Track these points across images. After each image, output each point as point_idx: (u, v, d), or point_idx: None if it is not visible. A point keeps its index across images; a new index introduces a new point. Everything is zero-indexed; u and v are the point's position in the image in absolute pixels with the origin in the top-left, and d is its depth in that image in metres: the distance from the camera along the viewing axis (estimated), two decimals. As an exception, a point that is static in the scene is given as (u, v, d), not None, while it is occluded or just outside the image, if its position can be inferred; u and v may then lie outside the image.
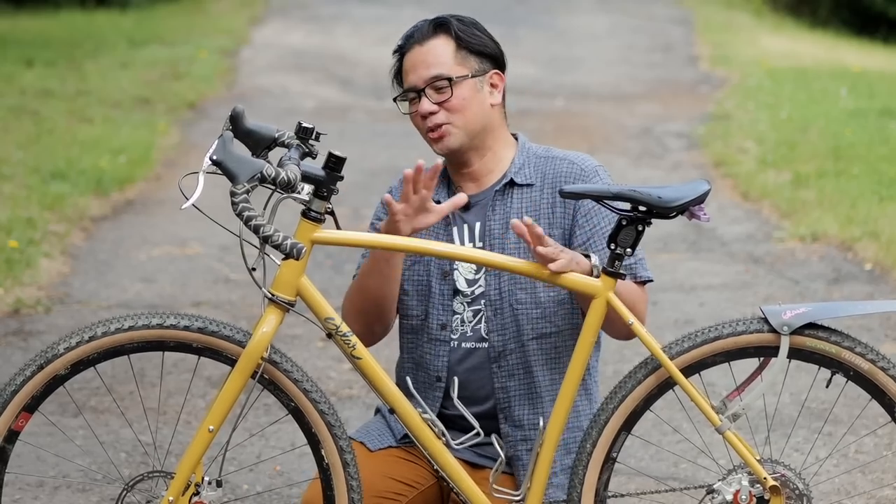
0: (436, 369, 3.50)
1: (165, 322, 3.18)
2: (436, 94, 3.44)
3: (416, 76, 3.46)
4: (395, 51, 3.53)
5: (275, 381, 3.23)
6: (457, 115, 3.44)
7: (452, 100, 3.44)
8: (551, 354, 3.49)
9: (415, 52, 3.48)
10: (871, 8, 18.54)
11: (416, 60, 3.47)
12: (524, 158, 3.52)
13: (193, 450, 3.18)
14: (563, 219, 3.47)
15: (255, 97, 12.31)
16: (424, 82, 3.45)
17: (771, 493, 3.25)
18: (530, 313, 3.46)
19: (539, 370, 3.48)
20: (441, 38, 3.47)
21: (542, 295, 3.46)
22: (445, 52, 3.46)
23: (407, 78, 3.48)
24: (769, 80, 13.32)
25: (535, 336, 3.47)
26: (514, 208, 3.48)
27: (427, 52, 3.46)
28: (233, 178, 3.01)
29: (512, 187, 3.50)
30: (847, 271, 7.27)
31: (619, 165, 9.73)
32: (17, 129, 10.32)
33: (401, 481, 3.48)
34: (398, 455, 3.52)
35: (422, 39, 3.47)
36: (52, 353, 3.18)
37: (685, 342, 3.26)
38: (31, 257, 7.20)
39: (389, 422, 3.58)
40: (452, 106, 3.44)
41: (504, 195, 3.49)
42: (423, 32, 3.49)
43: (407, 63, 3.49)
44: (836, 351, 3.25)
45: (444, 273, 3.49)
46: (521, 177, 3.50)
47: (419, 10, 17.10)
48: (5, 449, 3.20)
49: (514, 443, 3.49)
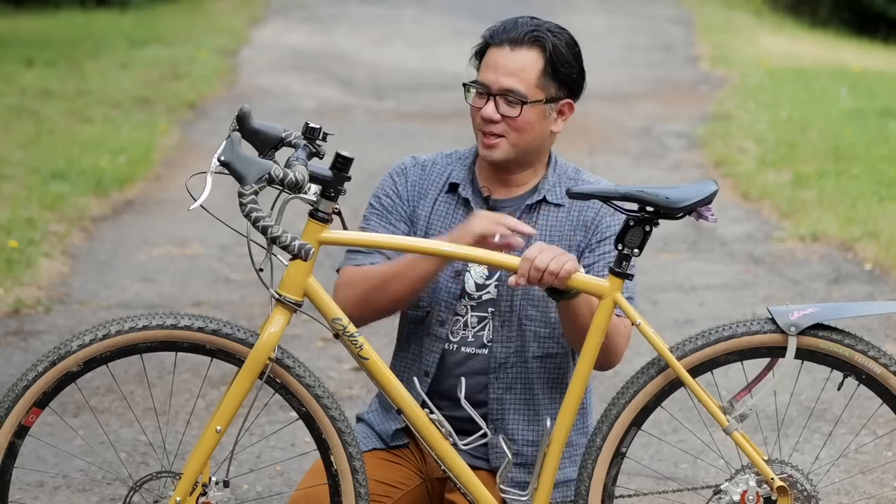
0: (426, 364, 3.49)
1: (179, 323, 3.18)
2: (505, 106, 3.38)
3: (493, 77, 3.38)
4: (484, 35, 3.43)
5: (286, 385, 3.23)
6: (516, 133, 3.39)
7: (519, 120, 3.38)
8: (553, 374, 3.48)
9: (503, 52, 3.38)
10: (871, 8, 18.55)
11: (499, 60, 3.38)
12: (556, 177, 3.50)
13: (201, 450, 3.18)
14: (582, 241, 3.45)
15: (255, 97, 12.31)
16: (499, 89, 3.37)
17: (778, 494, 3.25)
18: (538, 332, 3.45)
19: (539, 389, 3.47)
20: (534, 52, 3.38)
21: (552, 315, 3.44)
22: (531, 70, 3.37)
23: (485, 72, 3.40)
24: (769, 80, 13.33)
25: (540, 355, 3.46)
26: (538, 225, 3.46)
27: (514, 60, 3.37)
28: (241, 179, 3.01)
29: (542, 204, 3.48)
30: (847, 271, 7.27)
31: (620, 165, 9.73)
32: (17, 129, 10.31)
33: (387, 483, 3.47)
34: (383, 457, 3.52)
35: (514, 43, 3.38)
36: (66, 350, 3.18)
37: (698, 340, 3.26)
38: (31, 257, 7.20)
39: (374, 427, 3.57)
40: (516, 125, 3.38)
41: (532, 211, 3.47)
42: (518, 36, 3.38)
43: (490, 57, 3.40)
44: (850, 354, 3.25)
45: (456, 272, 3.48)
46: (553, 196, 3.47)
47: (419, 10, 17.13)
48: (15, 444, 3.20)
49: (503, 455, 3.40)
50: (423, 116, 11.49)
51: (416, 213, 3.52)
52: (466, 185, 3.50)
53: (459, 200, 3.50)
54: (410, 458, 3.51)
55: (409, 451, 3.52)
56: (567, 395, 3.27)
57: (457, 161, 3.54)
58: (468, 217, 3.39)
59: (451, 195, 3.51)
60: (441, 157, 3.58)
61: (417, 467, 3.51)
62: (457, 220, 3.48)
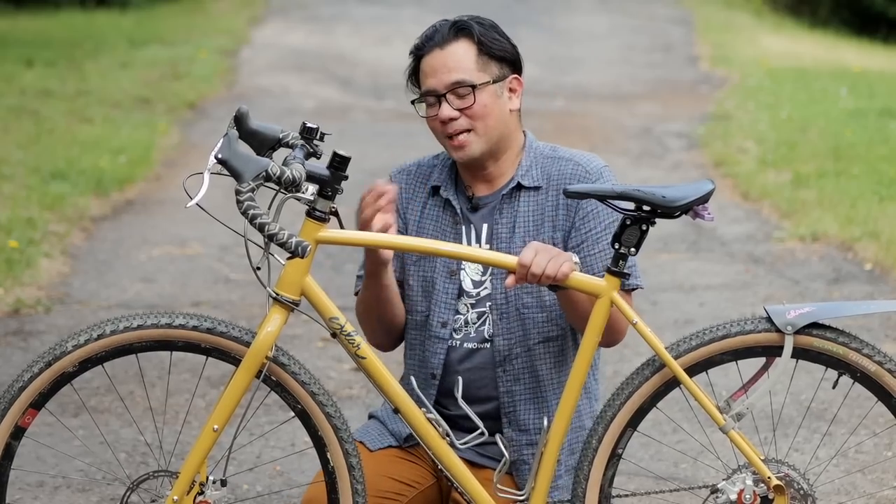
0: (431, 366, 3.50)
1: (174, 322, 3.18)
2: (457, 101, 3.41)
3: (436, 80, 3.42)
4: (412, 52, 3.49)
5: (282, 383, 3.23)
6: (478, 121, 3.41)
7: (475, 106, 3.40)
8: (557, 357, 3.49)
9: (435, 56, 3.43)
10: (871, 8, 18.55)
11: (436, 64, 3.42)
12: (531, 160, 3.51)
13: (198, 449, 3.18)
14: (566, 221, 3.46)
15: (255, 97, 12.31)
16: (446, 87, 3.41)
17: (775, 493, 3.25)
18: (536, 317, 3.46)
19: (545, 373, 3.48)
20: (462, 42, 3.42)
21: (547, 298, 3.45)
22: (467, 58, 3.41)
23: (426, 81, 3.44)
24: (769, 80, 13.33)
25: (542, 340, 3.47)
26: (520, 211, 3.47)
27: (448, 57, 3.41)
28: (238, 176, 3.01)
29: (519, 190, 3.48)
30: (847, 271, 7.27)
31: (620, 165, 9.73)
32: (17, 129, 10.32)
33: (401, 481, 3.48)
34: (398, 455, 3.52)
35: (442, 42, 3.42)
36: (61, 350, 3.18)
37: (692, 340, 3.26)
38: (31, 257, 7.20)
39: (388, 425, 3.58)
40: (474, 113, 3.41)
41: (511, 198, 3.48)
42: (443, 35, 3.43)
43: (426, 66, 3.44)
44: (844, 352, 3.25)
45: (450, 272, 3.49)
46: (528, 179, 3.48)
47: (419, 10, 17.11)
48: (11, 445, 3.20)
49: (520, 447, 3.48)
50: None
51: (406, 217, 3.55)
52: (448, 186, 3.52)
53: (443, 202, 3.51)
54: (425, 457, 3.50)
55: (423, 449, 3.50)
56: (565, 395, 3.27)
57: (440, 164, 3.56)
58: (454, 218, 3.45)
59: (437, 198, 3.53)
60: (427, 158, 3.61)
61: (431, 466, 3.50)
62: (446, 222, 3.50)
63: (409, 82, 3.51)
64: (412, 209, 3.54)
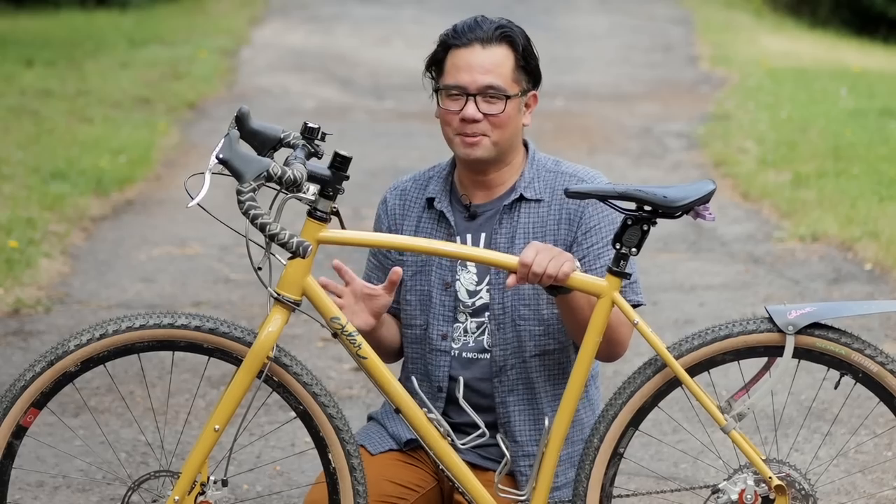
0: (437, 379, 3.49)
1: (176, 322, 3.18)
2: (485, 104, 3.38)
3: (470, 78, 3.38)
4: (444, 38, 3.42)
5: (284, 384, 3.23)
6: (497, 130, 3.39)
7: (501, 116, 3.38)
8: (554, 371, 3.48)
9: (474, 52, 3.39)
10: (871, 8, 18.54)
11: (473, 61, 3.38)
12: (534, 172, 3.49)
13: (199, 449, 3.18)
14: (568, 235, 3.44)
15: (255, 97, 12.31)
16: (478, 89, 3.37)
17: (776, 493, 3.25)
18: (533, 330, 3.45)
19: (541, 386, 3.47)
20: (505, 47, 3.39)
21: (545, 311, 3.44)
22: (506, 65, 3.39)
23: (457, 75, 3.39)
24: (769, 80, 13.33)
25: (538, 353, 3.45)
26: (521, 223, 3.45)
27: (488, 58, 3.38)
28: (239, 176, 3.01)
29: (520, 202, 3.47)
30: (847, 271, 7.27)
31: (619, 165, 9.73)
32: (17, 129, 10.32)
33: (402, 485, 3.47)
34: (399, 458, 3.51)
35: (485, 42, 3.38)
36: (63, 350, 3.18)
37: (694, 340, 3.26)
38: (31, 257, 7.20)
39: (387, 428, 3.57)
40: (499, 121, 3.39)
41: (512, 210, 3.46)
42: (487, 34, 3.39)
43: (459, 59, 3.39)
44: (846, 352, 3.25)
45: (445, 284, 3.48)
46: (530, 192, 3.46)
47: (419, 10, 17.13)
48: (13, 444, 3.21)
49: (515, 458, 3.47)
50: (423, 116, 11.48)
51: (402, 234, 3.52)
52: (442, 197, 3.50)
53: (437, 215, 3.50)
54: (425, 460, 3.50)
55: (424, 452, 3.49)
56: (565, 395, 3.27)
57: (436, 175, 3.55)
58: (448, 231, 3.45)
59: (432, 211, 3.52)
60: (420, 173, 3.59)
61: (432, 469, 3.50)
62: (440, 233, 3.49)
63: (430, 68, 3.45)
64: (407, 225, 3.53)
